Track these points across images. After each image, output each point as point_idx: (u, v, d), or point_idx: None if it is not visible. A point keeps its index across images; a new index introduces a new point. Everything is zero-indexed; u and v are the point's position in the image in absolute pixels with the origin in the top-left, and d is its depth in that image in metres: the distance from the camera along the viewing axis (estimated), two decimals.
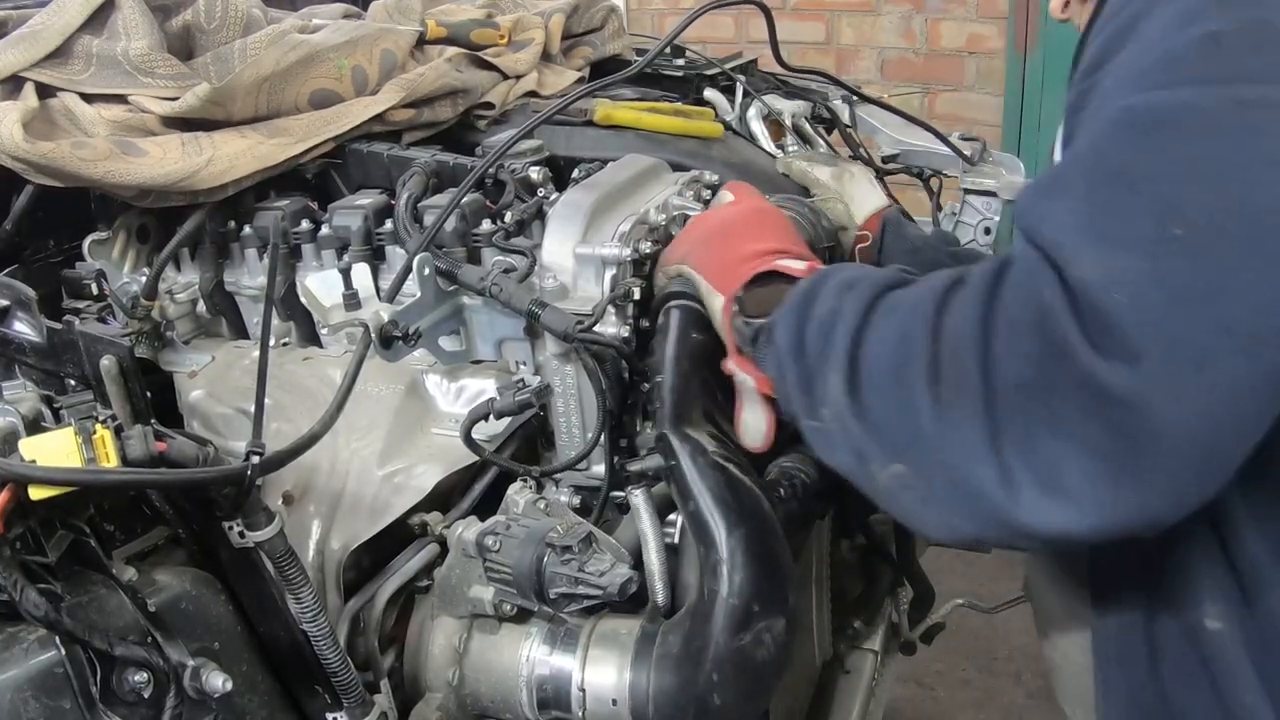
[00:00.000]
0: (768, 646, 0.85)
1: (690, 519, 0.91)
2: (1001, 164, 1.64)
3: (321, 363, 1.18)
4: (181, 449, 0.81)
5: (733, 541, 0.86)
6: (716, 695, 0.85)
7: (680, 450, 0.92)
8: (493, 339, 1.15)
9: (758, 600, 0.85)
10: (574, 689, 0.92)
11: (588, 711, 0.91)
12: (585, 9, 1.67)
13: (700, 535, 0.89)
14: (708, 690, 0.85)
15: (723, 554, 0.86)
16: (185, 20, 1.23)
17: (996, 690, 2.44)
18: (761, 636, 0.85)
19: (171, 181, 1.10)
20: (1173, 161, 0.62)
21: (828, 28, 3.84)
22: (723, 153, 1.37)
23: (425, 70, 1.31)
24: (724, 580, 0.85)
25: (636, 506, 1.03)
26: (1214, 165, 0.62)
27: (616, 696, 0.89)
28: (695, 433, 0.94)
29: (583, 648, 0.93)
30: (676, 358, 0.97)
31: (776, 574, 0.87)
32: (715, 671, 0.85)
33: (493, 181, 1.19)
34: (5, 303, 0.98)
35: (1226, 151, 0.62)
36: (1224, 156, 0.62)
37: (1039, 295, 0.63)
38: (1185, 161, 0.62)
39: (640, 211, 1.15)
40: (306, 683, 0.94)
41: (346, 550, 1.00)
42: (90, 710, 0.76)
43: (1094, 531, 0.63)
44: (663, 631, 0.92)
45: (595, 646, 0.93)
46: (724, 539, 0.87)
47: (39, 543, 0.78)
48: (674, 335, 1.01)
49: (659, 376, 0.98)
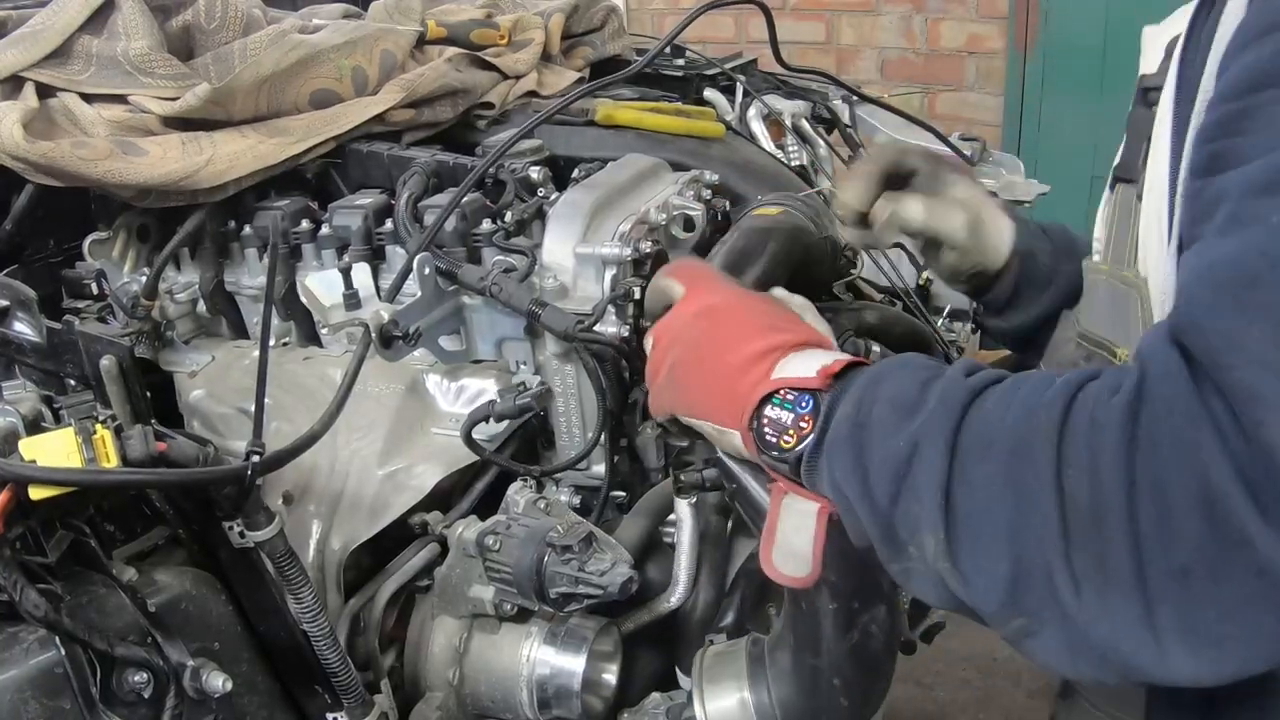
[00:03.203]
0: (877, 636, 0.85)
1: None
2: (1001, 164, 1.64)
3: (321, 362, 1.18)
4: (181, 449, 0.81)
5: None
6: (842, 696, 0.85)
7: (740, 473, 0.88)
8: (493, 339, 1.15)
9: (856, 597, 0.84)
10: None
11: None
12: (585, 9, 1.67)
13: None
14: (832, 695, 0.85)
15: None
16: (185, 20, 1.23)
17: (996, 690, 2.44)
18: (869, 629, 0.84)
19: (171, 181, 1.10)
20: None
21: (828, 28, 3.84)
22: (723, 152, 1.37)
23: (425, 70, 1.31)
24: (819, 589, 0.84)
25: (682, 517, 1.02)
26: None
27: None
28: None
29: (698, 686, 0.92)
30: None
31: (865, 564, 0.83)
32: (836, 676, 0.85)
33: (493, 181, 1.19)
34: (5, 303, 0.98)
35: None
36: None
37: (1198, 454, 0.51)
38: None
39: (640, 211, 1.15)
40: (306, 683, 0.94)
41: (346, 550, 1.00)
42: (90, 710, 0.76)
43: (1241, 677, 0.56)
44: (768, 651, 0.91)
45: (708, 683, 0.92)
46: None
47: (39, 543, 0.78)
48: None
49: None
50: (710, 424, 0.81)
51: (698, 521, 1.02)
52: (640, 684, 1.05)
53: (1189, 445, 0.52)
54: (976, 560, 0.61)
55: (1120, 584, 0.55)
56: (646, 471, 1.16)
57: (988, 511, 0.60)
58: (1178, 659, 0.55)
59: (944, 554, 0.62)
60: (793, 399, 0.73)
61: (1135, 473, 0.53)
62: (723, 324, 0.82)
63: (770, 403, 0.74)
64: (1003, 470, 0.59)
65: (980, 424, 0.62)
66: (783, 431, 0.74)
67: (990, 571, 0.60)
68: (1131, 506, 0.53)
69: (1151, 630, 0.54)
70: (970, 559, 0.61)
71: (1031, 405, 0.60)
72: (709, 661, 0.93)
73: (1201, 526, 0.51)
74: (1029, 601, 0.59)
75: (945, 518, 0.61)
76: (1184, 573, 0.53)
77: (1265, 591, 0.52)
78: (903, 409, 0.66)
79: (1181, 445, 0.52)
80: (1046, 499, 0.57)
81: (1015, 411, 0.61)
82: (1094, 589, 0.56)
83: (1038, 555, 0.57)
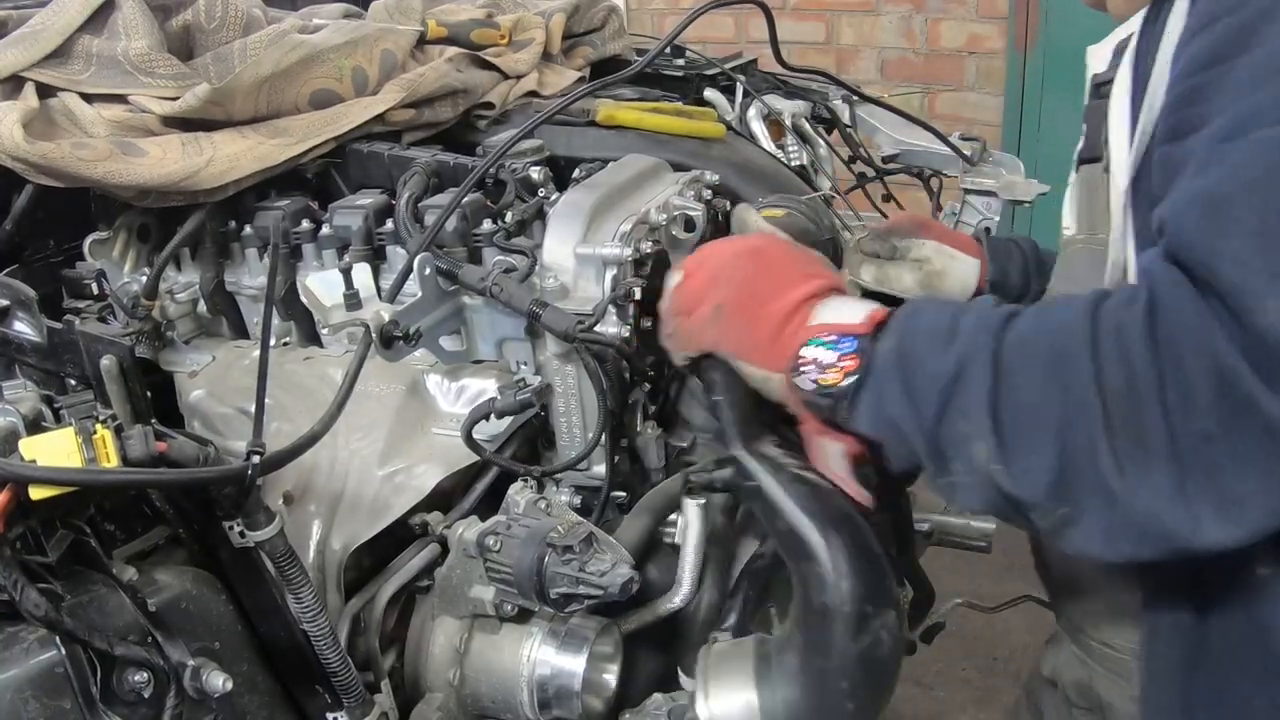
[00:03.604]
0: (886, 642, 0.85)
1: (783, 536, 0.89)
2: (1001, 164, 1.64)
3: (322, 362, 1.18)
4: (182, 449, 0.81)
5: (834, 551, 0.85)
6: (849, 701, 0.85)
7: (758, 471, 0.89)
8: (493, 339, 1.15)
9: (869, 601, 0.84)
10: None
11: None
12: (586, 9, 1.67)
13: (796, 550, 0.87)
14: (840, 699, 0.85)
15: (826, 566, 0.85)
16: (185, 20, 1.23)
17: (996, 690, 2.44)
18: (879, 634, 0.85)
19: (172, 182, 1.10)
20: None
21: (828, 28, 3.84)
22: (724, 153, 1.37)
23: (425, 70, 1.31)
24: (833, 590, 0.84)
25: (690, 518, 1.02)
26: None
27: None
28: (765, 448, 0.92)
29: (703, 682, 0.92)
30: (729, 374, 0.92)
31: (878, 569, 0.87)
32: (844, 680, 0.85)
33: (493, 181, 1.19)
34: (5, 302, 0.98)
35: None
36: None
37: (1207, 341, 0.63)
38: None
39: (641, 211, 1.15)
40: (307, 683, 0.94)
41: (347, 550, 1.00)
42: (90, 710, 0.76)
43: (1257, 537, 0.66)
44: (775, 651, 0.91)
45: (714, 680, 0.92)
46: (824, 551, 0.85)
47: (39, 542, 0.78)
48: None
49: (715, 396, 0.95)
50: (748, 365, 0.87)
51: (705, 522, 1.02)
52: (641, 685, 1.05)
53: (1200, 333, 0.63)
54: (1026, 459, 0.70)
55: (1157, 455, 0.65)
56: (647, 472, 1.17)
57: (1035, 413, 0.69)
58: (1207, 521, 0.65)
59: (995, 458, 0.70)
60: (834, 340, 0.81)
61: (1160, 360, 0.64)
62: (767, 266, 0.89)
63: (811, 344, 0.82)
64: (1046, 375, 0.69)
65: (1018, 341, 0.71)
66: (825, 369, 0.81)
67: (1039, 467, 0.69)
68: (1160, 388, 0.64)
69: (1184, 498, 0.64)
70: (1020, 458, 0.70)
71: (1061, 319, 0.71)
72: (714, 660, 0.93)
73: (1216, 397, 0.62)
74: (1075, 487, 0.68)
75: (994, 424, 0.70)
76: (1206, 438, 0.63)
77: (1274, 448, 0.62)
78: (940, 337, 0.75)
79: (1193, 333, 0.63)
80: (1089, 393, 0.66)
81: (1048, 327, 0.71)
82: (1135, 465, 0.66)
83: (1084, 443, 0.67)
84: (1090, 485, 0.68)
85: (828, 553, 0.85)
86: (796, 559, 0.87)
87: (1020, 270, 1.21)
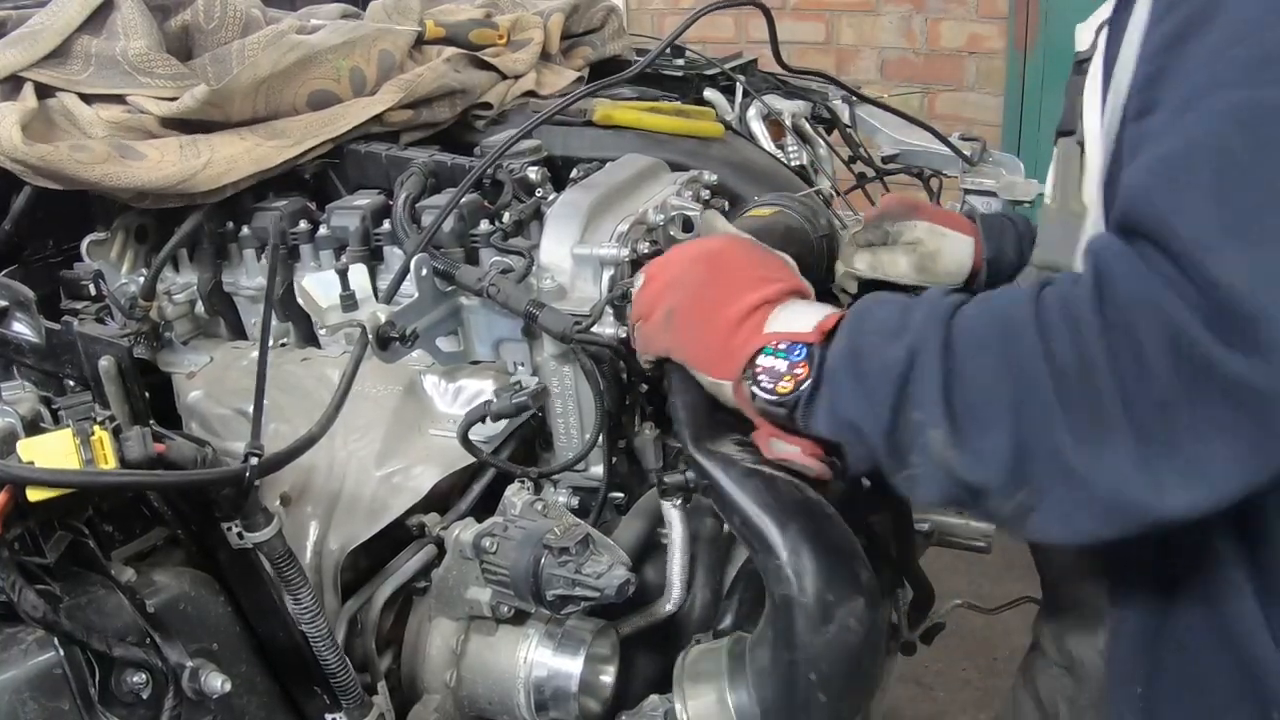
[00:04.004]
0: (854, 630, 0.84)
1: (740, 531, 0.89)
2: (1001, 164, 1.64)
3: (319, 363, 1.19)
4: (180, 450, 0.81)
5: (788, 540, 0.84)
6: (821, 693, 0.84)
7: (710, 468, 0.89)
8: (490, 340, 1.15)
9: (830, 590, 0.84)
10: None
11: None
12: (585, 9, 1.67)
13: (755, 543, 0.87)
14: (810, 691, 0.84)
15: (782, 556, 0.84)
16: (184, 20, 1.23)
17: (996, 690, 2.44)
18: (846, 622, 0.84)
19: (169, 184, 1.10)
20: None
21: (828, 28, 3.84)
22: (723, 152, 1.37)
23: (423, 71, 1.31)
24: (791, 582, 0.84)
25: (671, 521, 1.02)
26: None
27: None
28: (719, 446, 0.92)
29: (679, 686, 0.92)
30: (685, 375, 0.93)
31: (840, 557, 0.86)
32: (812, 672, 0.84)
33: (491, 182, 1.19)
34: (4, 303, 0.98)
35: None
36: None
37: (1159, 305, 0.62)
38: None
39: (639, 212, 1.15)
40: (305, 684, 0.94)
41: (344, 551, 1.00)
42: (89, 711, 0.76)
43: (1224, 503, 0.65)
44: (749, 649, 0.91)
45: (689, 682, 0.92)
46: (779, 540, 0.85)
47: (37, 544, 0.78)
48: None
49: (672, 398, 0.95)
50: (701, 373, 0.88)
51: (687, 525, 1.02)
52: (638, 686, 1.05)
53: (1149, 299, 0.63)
54: (981, 444, 0.70)
55: (1114, 429, 0.64)
56: (644, 473, 1.16)
57: (988, 397, 0.69)
58: (1173, 491, 0.64)
59: (950, 444, 0.71)
60: (785, 348, 0.81)
61: (1111, 331, 0.64)
62: (720, 272, 0.89)
63: (763, 353, 0.82)
64: (996, 357, 0.69)
65: (966, 329, 0.72)
66: (778, 378, 0.81)
67: (995, 451, 0.69)
68: (1113, 359, 0.64)
69: (1146, 468, 0.64)
70: (976, 443, 0.70)
71: (1006, 302, 0.72)
72: (690, 662, 0.93)
73: (1171, 361, 0.62)
74: (1032, 468, 0.68)
75: (947, 410, 0.70)
76: (1163, 406, 0.63)
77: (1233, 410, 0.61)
78: (891, 332, 0.75)
79: (1142, 300, 0.63)
80: (1040, 373, 0.66)
81: (994, 313, 0.72)
82: (1092, 440, 0.65)
83: (1040, 423, 0.67)
84: (1048, 464, 0.67)
85: (784, 542, 0.84)
86: (756, 552, 0.87)
87: (1015, 246, 1.21)
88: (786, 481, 0.88)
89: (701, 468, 0.90)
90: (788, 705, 0.86)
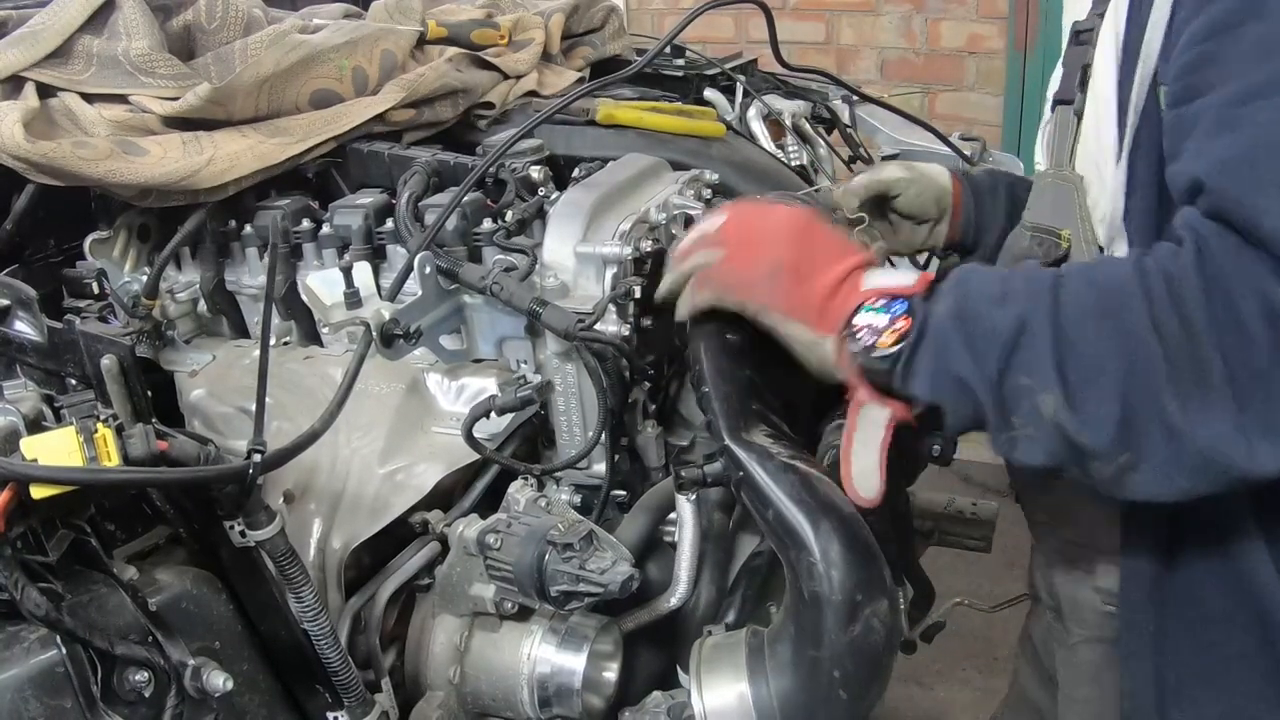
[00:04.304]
0: (878, 631, 0.85)
1: (773, 525, 0.88)
2: (1001, 164, 1.64)
3: (322, 361, 1.18)
4: (182, 448, 0.81)
5: (823, 539, 0.84)
6: (842, 690, 0.84)
7: (747, 460, 0.89)
8: (494, 338, 1.15)
9: (860, 590, 0.84)
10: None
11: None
12: (585, 9, 1.67)
13: (786, 538, 0.87)
14: (832, 688, 0.85)
15: (815, 554, 0.84)
16: (186, 20, 1.23)
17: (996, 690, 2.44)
18: (870, 623, 0.84)
19: (172, 181, 1.10)
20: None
21: (828, 28, 3.84)
22: (723, 152, 1.37)
23: (425, 70, 1.31)
24: (823, 579, 0.84)
25: (684, 515, 1.02)
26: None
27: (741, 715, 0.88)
28: (754, 438, 0.92)
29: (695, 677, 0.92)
30: (718, 366, 0.93)
31: (870, 558, 0.86)
32: (836, 669, 0.84)
33: (493, 180, 1.19)
34: (6, 302, 0.98)
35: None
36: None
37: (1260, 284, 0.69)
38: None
39: (641, 210, 1.15)
40: (307, 682, 0.94)
41: (347, 549, 1.00)
42: (91, 710, 0.76)
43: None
44: (768, 642, 0.90)
45: (705, 673, 0.91)
46: (813, 538, 0.85)
47: (40, 542, 0.78)
48: (709, 344, 0.97)
49: (704, 388, 0.95)
50: (798, 324, 0.89)
51: (699, 519, 1.02)
52: (641, 682, 1.05)
53: (1248, 275, 0.69)
54: (1094, 407, 0.74)
55: (1216, 394, 0.71)
56: (647, 470, 1.17)
57: (1099, 364, 0.74)
58: (1263, 452, 0.71)
59: (1063, 408, 0.75)
60: (884, 304, 0.84)
61: (1213, 303, 0.70)
62: (818, 237, 0.91)
63: (861, 310, 0.84)
64: (1106, 327, 0.74)
65: (1073, 299, 0.76)
66: (879, 333, 0.83)
67: (1106, 413, 0.74)
68: (1216, 328, 0.70)
69: (1243, 431, 0.71)
70: (1088, 407, 0.74)
71: (1110, 274, 0.77)
72: (707, 653, 0.93)
73: (1268, 332, 0.69)
74: (1139, 431, 0.73)
75: (1060, 378, 0.75)
76: (1260, 372, 0.70)
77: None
78: (995, 299, 0.79)
79: (1242, 276, 0.70)
80: (1149, 341, 0.72)
81: (1099, 284, 0.77)
82: (1196, 404, 0.71)
83: (1148, 388, 0.72)
84: (1154, 426, 0.73)
85: (817, 540, 0.84)
86: (786, 547, 0.87)
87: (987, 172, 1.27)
88: (820, 478, 0.89)
89: (738, 458, 0.90)
90: (808, 701, 0.86)
